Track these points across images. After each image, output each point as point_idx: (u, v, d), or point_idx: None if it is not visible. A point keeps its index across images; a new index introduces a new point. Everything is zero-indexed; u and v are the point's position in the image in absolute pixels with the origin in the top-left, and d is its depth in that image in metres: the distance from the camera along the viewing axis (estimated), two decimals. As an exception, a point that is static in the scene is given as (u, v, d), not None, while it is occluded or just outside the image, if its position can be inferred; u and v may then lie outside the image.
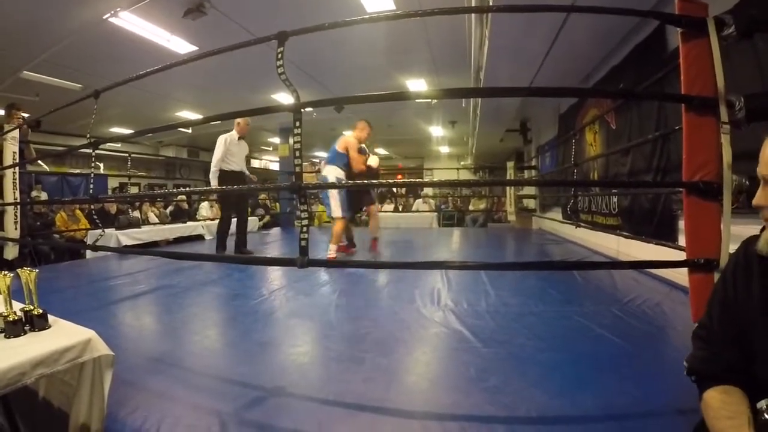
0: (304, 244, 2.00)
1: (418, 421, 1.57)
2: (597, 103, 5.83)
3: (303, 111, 2.14)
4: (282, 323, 2.90)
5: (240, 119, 5.47)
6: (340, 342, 2.43)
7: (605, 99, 5.37)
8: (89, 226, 7.23)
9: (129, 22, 5.43)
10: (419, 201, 13.00)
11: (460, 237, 8.64)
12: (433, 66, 7.51)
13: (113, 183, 14.54)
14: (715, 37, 1.74)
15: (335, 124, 11.17)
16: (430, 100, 9.27)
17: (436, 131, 14.03)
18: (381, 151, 19.27)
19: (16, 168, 4.44)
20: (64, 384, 1.37)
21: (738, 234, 1.67)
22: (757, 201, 0.97)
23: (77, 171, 12.04)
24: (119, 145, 11.68)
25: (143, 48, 6.11)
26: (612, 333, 2.42)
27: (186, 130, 12.06)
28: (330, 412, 1.65)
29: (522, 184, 13.02)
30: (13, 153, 4.46)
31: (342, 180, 5.00)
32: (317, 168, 19.94)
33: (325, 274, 4.17)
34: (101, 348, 1.41)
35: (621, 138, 4.91)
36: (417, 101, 9.31)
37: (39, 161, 5.65)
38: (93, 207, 6.47)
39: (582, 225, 5.89)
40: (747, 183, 1.66)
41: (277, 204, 12.02)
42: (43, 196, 10.04)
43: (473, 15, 5.11)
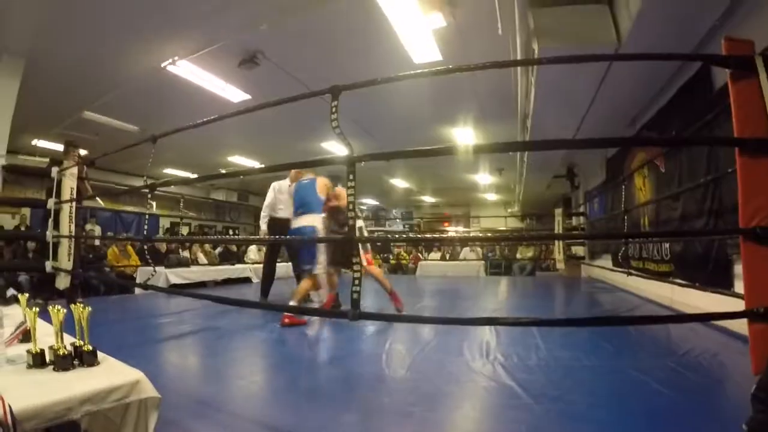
0: (356, 297, 1.99)
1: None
2: (645, 147, 5.70)
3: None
4: (329, 372, 2.85)
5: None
6: (387, 395, 2.36)
7: (655, 146, 5.25)
8: (140, 262, 7.48)
9: (186, 70, 5.76)
10: (466, 249, 12.86)
11: (507, 286, 8.45)
12: (481, 114, 7.55)
13: (164, 222, 15.09)
14: (765, 75, 1.67)
15: (382, 172, 11.30)
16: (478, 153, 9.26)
17: (482, 179, 13.99)
18: (428, 199, 19.34)
19: (73, 202, 4.67)
20: (107, 420, 1.38)
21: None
22: None
23: (131, 208, 12.60)
24: (172, 187, 12.18)
25: (199, 95, 6.45)
26: (668, 387, 2.27)
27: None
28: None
29: (571, 238, 12.60)
30: (71, 188, 4.72)
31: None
32: (364, 215, 20.26)
33: (373, 323, 4.11)
34: (148, 390, 1.41)
35: (671, 182, 4.75)
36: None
37: (97, 198, 5.91)
38: (146, 246, 6.71)
39: (633, 273, 5.65)
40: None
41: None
42: (97, 229, 10.50)
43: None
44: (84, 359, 1.47)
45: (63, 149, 5.03)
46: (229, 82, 6.18)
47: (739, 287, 1.68)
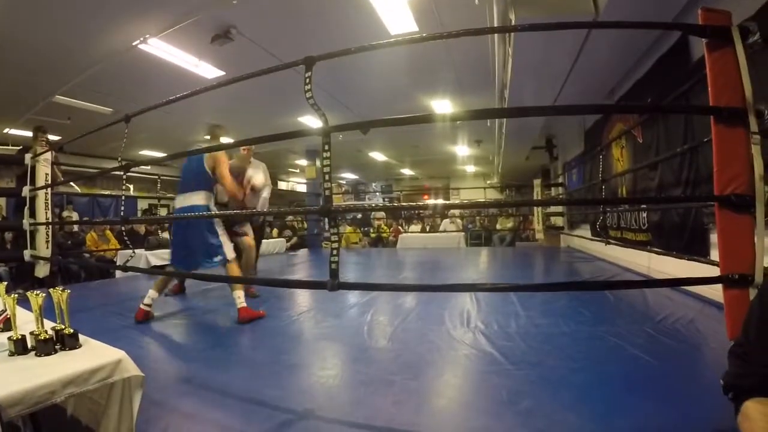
0: (334, 267, 1.99)
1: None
2: (623, 118, 5.74)
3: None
4: (311, 345, 2.89)
5: (243, 147, 5.46)
6: (369, 364, 2.40)
7: (631, 113, 5.30)
8: (119, 246, 7.38)
9: (158, 48, 5.60)
10: (446, 221, 12.94)
11: (488, 257, 8.56)
12: (458, 86, 7.53)
13: (143, 204, 14.86)
14: (741, 46, 1.69)
15: (361, 145, 11.21)
16: (456, 121, 9.26)
17: (461, 151, 14.03)
18: (407, 172, 19.35)
19: (48, 189, 4.58)
20: (92, 402, 1.38)
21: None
22: None
23: (107, 192, 12.37)
24: (149, 168, 11.98)
25: (172, 73, 6.29)
26: (646, 353, 2.35)
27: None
28: (359, 435, 1.62)
29: (548, 204, 12.81)
30: (45, 174, 4.61)
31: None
32: (344, 189, 20.21)
33: (354, 295, 4.16)
34: (131, 369, 1.41)
35: (648, 152, 4.82)
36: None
37: (71, 183, 5.82)
38: (123, 228, 6.61)
39: (611, 242, 5.76)
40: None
41: (305, 225, 12.12)
42: (75, 216, 10.32)
43: (496, 34, 5.12)
44: (66, 342, 1.46)
45: (32, 134, 4.89)
46: (203, 59, 6.03)
47: (715, 256, 1.73)
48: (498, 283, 4.87)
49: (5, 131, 9.00)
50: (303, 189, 15.01)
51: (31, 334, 1.45)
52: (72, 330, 1.49)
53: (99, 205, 12.48)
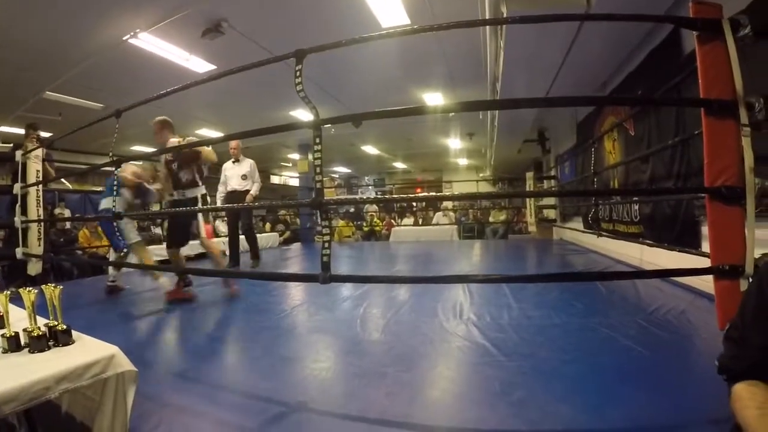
0: (326, 260, 1.99)
1: (441, 437, 1.55)
2: (615, 111, 5.76)
3: (322, 127, 2.15)
4: (304, 338, 2.89)
5: (232, 142, 6.06)
6: (362, 357, 2.41)
7: (623, 106, 5.32)
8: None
9: (148, 42, 5.54)
10: (439, 214, 12.95)
11: (480, 249, 8.59)
12: (450, 79, 7.51)
13: (135, 200, 14.72)
14: (731, 39, 1.70)
15: (353, 139, 11.14)
16: (448, 113, 9.26)
17: (454, 144, 14.01)
18: (400, 165, 19.32)
19: (39, 186, 4.54)
20: (87, 398, 1.38)
21: (763, 239, 1.62)
22: None
23: (100, 189, 12.23)
24: (141, 163, 11.87)
25: (163, 68, 6.23)
26: (637, 343, 2.37)
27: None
28: (353, 427, 1.63)
29: (541, 195, 12.88)
30: (36, 171, 4.57)
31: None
32: (336, 183, 20.16)
33: (347, 289, 4.16)
34: (125, 364, 1.42)
35: (640, 144, 4.83)
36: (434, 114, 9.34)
37: (62, 180, 5.78)
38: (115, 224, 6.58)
39: (603, 234, 5.79)
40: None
41: (297, 219, 12.09)
42: (67, 213, 10.22)
43: (488, 27, 5.11)
44: (59, 339, 1.46)
45: (24, 132, 4.85)
46: (194, 53, 5.97)
47: (706, 247, 1.75)
48: (490, 275, 4.87)
49: (-4, 129, 8.86)
50: (296, 183, 14.94)
51: (24, 330, 1.44)
52: (65, 326, 1.49)
53: (91, 202, 12.33)
